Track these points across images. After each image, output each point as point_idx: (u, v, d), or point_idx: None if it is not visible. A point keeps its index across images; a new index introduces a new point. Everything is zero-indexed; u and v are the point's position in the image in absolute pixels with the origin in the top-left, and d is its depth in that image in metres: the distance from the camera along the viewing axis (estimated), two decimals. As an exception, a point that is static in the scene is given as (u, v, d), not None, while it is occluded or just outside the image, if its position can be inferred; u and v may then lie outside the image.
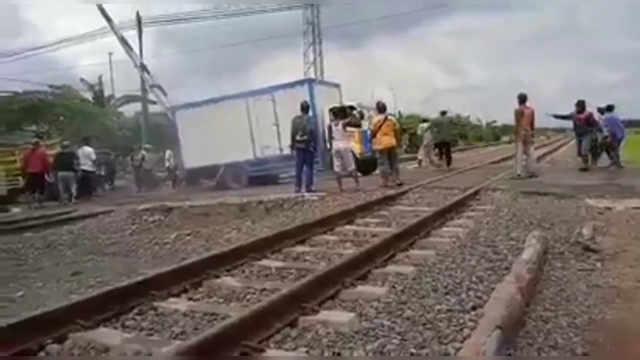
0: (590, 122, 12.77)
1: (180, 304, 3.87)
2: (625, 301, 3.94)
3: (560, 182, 10.02)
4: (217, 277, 4.55)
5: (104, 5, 22.44)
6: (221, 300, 4.01)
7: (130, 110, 32.52)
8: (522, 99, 11.42)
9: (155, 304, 3.86)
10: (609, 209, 7.40)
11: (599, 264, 4.88)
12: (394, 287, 3.96)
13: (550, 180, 10.59)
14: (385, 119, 10.91)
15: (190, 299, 4.07)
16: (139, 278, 4.32)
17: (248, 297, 4.02)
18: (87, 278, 5.64)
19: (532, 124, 11.55)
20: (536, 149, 13.41)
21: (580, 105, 12.63)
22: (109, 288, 4.12)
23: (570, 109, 13.17)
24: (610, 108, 13.63)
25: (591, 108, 13.34)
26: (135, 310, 3.76)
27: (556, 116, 13.54)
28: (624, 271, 4.68)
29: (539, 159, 14.21)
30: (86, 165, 15.53)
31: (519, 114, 11.34)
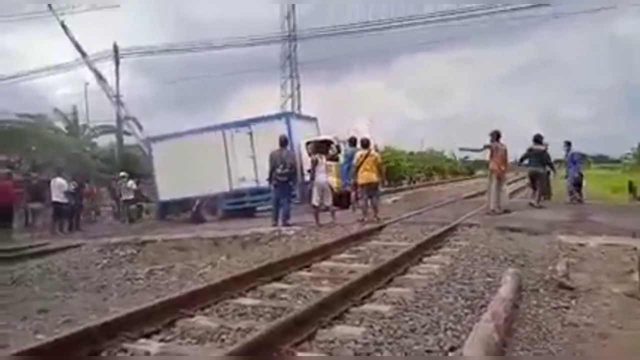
0: None
1: (151, 345, 3.74)
2: (601, 339, 3.97)
3: (533, 218, 10.18)
4: (191, 316, 4.43)
5: (79, 38, 22.35)
6: (194, 341, 3.89)
7: (104, 140, 32.15)
8: (496, 135, 11.64)
9: (125, 345, 3.73)
10: (581, 245, 7.51)
11: (573, 301, 4.92)
12: (371, 326, 3.92)
13: (523, 216, 10.75)
14: (368, 154, 10.97)
15: (162, 339, 3.94)
16: (109, 317, 4.17)
17: (223, 337, 3.91)
18: (55, 316, 5.46)
19: (504, 160, 11.76)
20: (508, 184, 13.61)
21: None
22: (76, 328, 3.97)
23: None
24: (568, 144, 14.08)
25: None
26: (104, 353, 3.62)
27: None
28: (599, 308, 4.73)
29: (512, 194, 14.40)
30: (58, 197, 15.21)
31: (493, 151, 11.54)
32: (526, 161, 13.14)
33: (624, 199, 16.61)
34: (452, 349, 3.38)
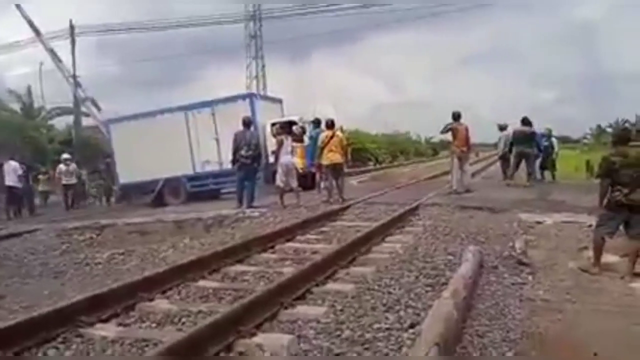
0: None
1: (109, 330, 3.65)
2: (556, 313, 4.10)
3: (495, 197, 10.39)
4: (151, 299, 4.34)
5: (34, 16, 21.39)
6: (154, 325, 3.82)
7: (61, 122, 31.06)
8: (456, 116, 11.76)
9: (82, 330, 3.63)
10: (539, 222, 7.72)
11: (530, 277, 5.07)
12: (333, 306, 3.93)
13: (485, 195, 10.96)
14: (333, 135, 10.91)
15: (120, 324, 3.85)
16: (65, 302, 4.05)
17: (183, 320, 3.85)
18: (10, 302, 5.29)
19: (467, 140, 11.90)
20: (470, 164, 13.81)
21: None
22: (31, 314, 3.84)
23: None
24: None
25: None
26: (60, 339, 3.51)
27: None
28: (554, 284, 4.88)
29: (474, 174, 14.65)
30: (12, 181, 14.66)
31: (454, 131, 11.66)
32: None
33: (583, 177, 17.16)
34: (412, 325, 3.41)
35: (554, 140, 14.89)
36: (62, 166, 17.09)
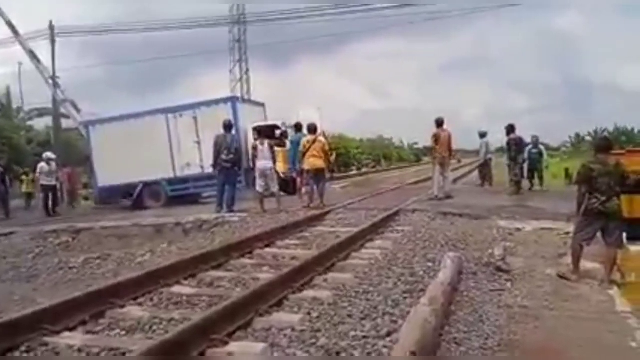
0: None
1: (75, 339, 3.50)
2: (534, 320, 4.08)
3: (475, 204, 10.41)
4: (122, 306, 4.22)
5: (14, 15, 20.95)
6: (123, 333, 3.68)
7: (41, 123, 30.59)
8: (439, 123, 11.79)
9: (47, 339, 3.48)
10: (518, 229, 7.75)
11: (509, 284, 5.06)
12: (309, 313, 3.85)
13: (465, 201, 10.98)
14: (315, 140, 10.83)
15: (88, 332, 3.71)
16: (31, 309, 3.90)
17: (154, 328, 3.73)
18: (-22, 307, 5.08)
19: (449, 147, 11.93)
20: (452, 171, 13.86)
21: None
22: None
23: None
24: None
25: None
26: (24, 347, 3.37)
27: None
28: (532, 291, 4.88)
29: (456, 180, 14.71)
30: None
31: (436, 138, 11.69)
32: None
33: (561, 185, 17.34)
34: (388, 333, 3.35)
35: (542, 148, 14.95)
36: (43, 165, 15.62)
